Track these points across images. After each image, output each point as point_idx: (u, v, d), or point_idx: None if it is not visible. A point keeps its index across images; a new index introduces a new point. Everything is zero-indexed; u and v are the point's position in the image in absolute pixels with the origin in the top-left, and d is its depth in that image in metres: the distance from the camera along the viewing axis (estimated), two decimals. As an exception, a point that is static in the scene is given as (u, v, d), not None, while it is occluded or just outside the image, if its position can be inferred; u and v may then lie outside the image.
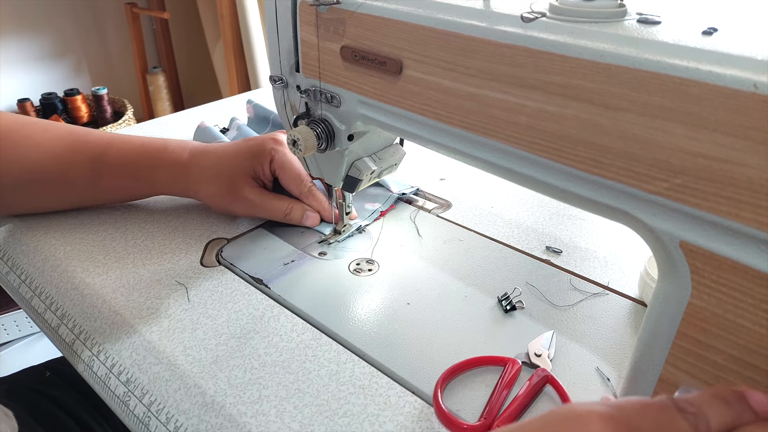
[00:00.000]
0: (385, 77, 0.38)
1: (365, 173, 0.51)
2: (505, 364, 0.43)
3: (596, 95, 0.28)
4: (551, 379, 0.42)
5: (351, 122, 0.45)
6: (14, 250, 0.58)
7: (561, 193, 0.32)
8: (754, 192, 0.23)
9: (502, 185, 0.70)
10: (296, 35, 0.44)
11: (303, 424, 0.39)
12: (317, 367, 0.44)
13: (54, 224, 0.60)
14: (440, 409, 0.39)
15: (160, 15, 1.97)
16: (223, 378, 0.43)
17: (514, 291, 0.52)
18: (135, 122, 1.90)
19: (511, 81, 0.31)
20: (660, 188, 0.27)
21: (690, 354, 0.28)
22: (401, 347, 0.46)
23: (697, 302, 0.27)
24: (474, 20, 0.32)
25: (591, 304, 0.51)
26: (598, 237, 0.60)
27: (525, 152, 0.32)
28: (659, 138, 0.26)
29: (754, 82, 0.22)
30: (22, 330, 1.42)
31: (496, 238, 0.60)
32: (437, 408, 0.40)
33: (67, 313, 0.51)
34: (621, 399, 0.25)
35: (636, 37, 0.27)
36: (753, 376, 0.26)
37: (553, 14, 0.30)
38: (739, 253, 0.25)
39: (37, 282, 0.54)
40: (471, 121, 0.34)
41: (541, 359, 0.44)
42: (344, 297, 0.51)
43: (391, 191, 0.66)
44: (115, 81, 2.16)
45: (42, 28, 1.94)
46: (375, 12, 0.37)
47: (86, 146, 0.58)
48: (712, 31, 0.26)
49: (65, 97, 1.89)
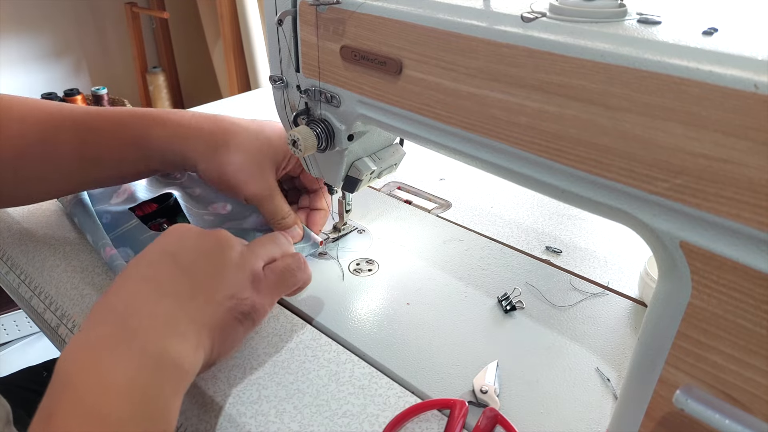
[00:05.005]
0: (385, 77, 0.38)
1: (365, 173, 0.51)
2: (452, 407, 0.40)
3: (596, 95, 0.28)
4: (500, 419, 0.39)
5: (351, 122, 0.45)
6: (14, 250, 0.58)
7: (561, 193, 0.32)
8: (754, 192, 0.23)
9: (502, 185, 0.70)
10: (296, 35, 0.44)
11: (302, 425, 0.39)
12: (317, 367, 0.44)
13: (54, 224, 0.60)
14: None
15: (160, 15, 1.97)
16: (222, 378, 0.43)
17: (514, 291, 0.52)
18: (135, 122, 1.90)
19: (511, 81, 0.31)
20: (660, 188, 0.27)
21: (690, 354, 0.28)
22: (401, 347, 0.46)
23: (698, 302, 0.27)
24: (474, 20, 0.32)
25: (591, 304, 0.51)
26: (598, 237, 0.60)
27: (525, 152, 0.32)
28: (659, 138, 0.26)
29: (754, 82, 0.22)
30: (21, 330, 1.42)
31: (496, 238, 0.60)
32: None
33: (66, 313, 0.51)
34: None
35: (636, 37, 0.27)
36: (753, 377, 0.26)
37: (553, 14, 0.30)
38: (740, 253, 0.25)
39: (37, 282, 0.54)
40: (471, 121, 0.34)
41: (488, 396, 0.41)
42: (344, 297, 0.51)
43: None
44: (114, 81, 2.16)
45: (42, 28, 1.94)
46: (375, 12, 0.37)
47: (72, 113, 0.53)
48: (713, 31, 0.26)
49: (65, 97, 1.89)
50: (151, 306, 0.36)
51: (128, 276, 0.38)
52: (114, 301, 0.36)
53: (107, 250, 0.52)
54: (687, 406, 0.27)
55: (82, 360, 0.33)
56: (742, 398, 0.27)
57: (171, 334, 0.35)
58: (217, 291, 0.38)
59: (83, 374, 0.32)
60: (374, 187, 0.70)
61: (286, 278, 0.43)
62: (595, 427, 0.40)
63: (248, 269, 0.40)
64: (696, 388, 0.28)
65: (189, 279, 0.38)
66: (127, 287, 0.37)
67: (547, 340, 0.47)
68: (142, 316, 0.35)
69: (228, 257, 0.40)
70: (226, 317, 0.38)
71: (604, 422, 0.40)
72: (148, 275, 0.38)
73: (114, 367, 0.33)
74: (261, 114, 0.91)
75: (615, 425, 0.34)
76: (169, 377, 0.34)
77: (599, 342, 0.47)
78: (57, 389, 0.32)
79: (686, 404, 0.27)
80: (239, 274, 0.40)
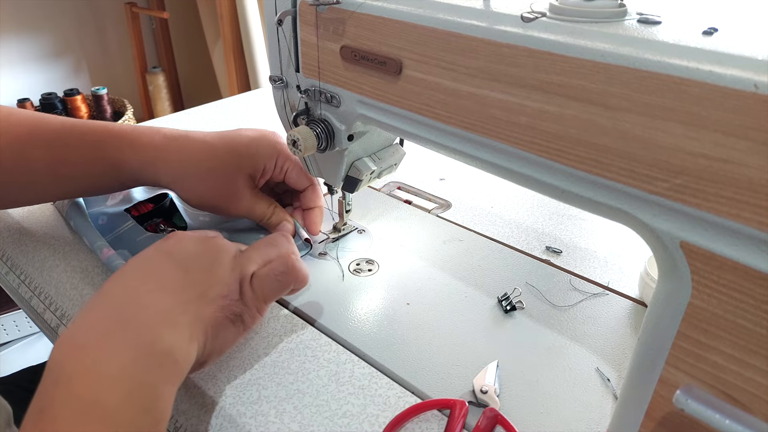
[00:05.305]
0: (385, 77, 0.38)
1: (365, 173, 0.51)
2: (452, 407, 0.40)
3: (596, 95, 0.28)
4: (500, 419, 0.39)
5: (351, 122, 0.45)
6: (13, 250, 0.58)
7: (561, 193, 0.32)
8: (754, 192, 0.23)
9: (502, 185, 0.70)
10: (296, 35, 0.44)
11: (302, 425, 0.39)
12: (317, 367, 0.44)
13: (53, 224, 0.60)
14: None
15: (160, 15, 1.97)
16: (222, 378, 0.43)
17: (514, 291, 0.52)
18: (135, 122, 1.90)
19: (511, 81, 0.31)
20: (660, 188, 0.27)
21: (690, 354, 0.28)
22: (401, 347, 0.46)
23: (698, 303, 0.27)
24: (474, 20, 0.32)
25: (591, 304, 0.51)
26: (598, 237, 0.60)
27: (525, 152, 0.32)
28: (659, 138, 0.26)
29: (754, 82, 0.22)
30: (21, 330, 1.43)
31: (496, 238, 0.60)
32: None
33: (66, 314, 0.51)
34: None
35: (636, 37, 0.27)
36: (753, 377, 0.26)
37: (553, 14, 0.30)
38: (740, 253, 0.25)
39: (37, 282, 0.54)
40: (471, 121, 0.34)
41: (488, 396, 0.41)
42: (344, 297, 0.51)
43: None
44: (114, 81, 2.16)
45: (42, 28, 1.94)
46: (375, 12, 0.37)
47: (47, 127, 0.52)
48: (713, 31, 0.26)
49: (65, 97, 1.89)
50: (146, 297, 0.36)
51: (123, 271, 0.39)
52: (108, 293, 0.37)
53: (104, 252, 0.52)
54: (687, 406, 0.27)
55: (75, 348, 0.33)
56: (742, 398, 0.27)
57: (165, 324, 0.36)
58: (210, 288, 0.39)
59: (75, 363, 0.32)
60: (374, 187, 0.70)
61: (271, 282, 0.42)
62: (595, 427, 0.40)
63: (238, 272, 0.41)
64: (696, 388, 0.28)
65: (184, 275, 0.39)
66: (122, 280, 0.38)
67: (547, 340, 0.47)
68: (137, 306, 0.36)
69: (222, 259, 0.41)
70: (218, 315, 0.39)
71: (605, 422, 0.40)
72: (144, 270, 0.39)
73: (107, 355, 0.33)
74: (261, 114, 0.91)
75: (615, 425, 0.34)
76: (163, 367, 0.34)
77: (599, 342, 0.47)
78: (50, 380, 0.32)
79: (686, 404, 0.27)
80: (231, 275, 0.40)
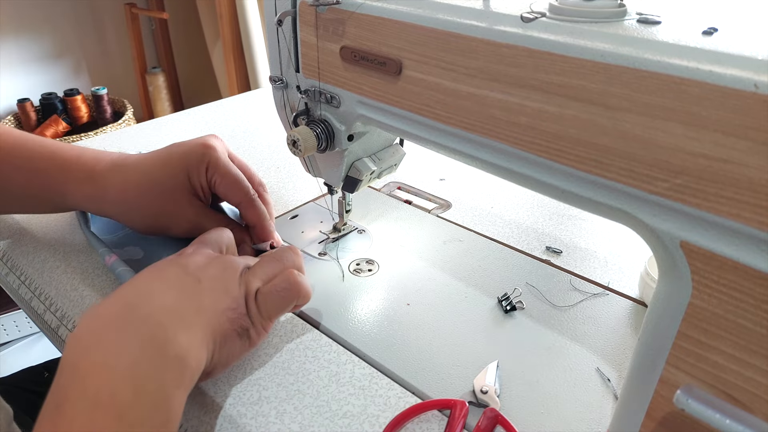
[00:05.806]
0: (385, 77, 0.38)
1: (365, 174, 0.51)
2: (452, 407, 0.40)
3: (596, 95, 0.28)
4: (501, 419, 0.39)
5: (351, 122, 0.45)
6: (14, 251, 0.58)
7: (561, 193, 0.32)
8: (755, 192, 0.23)
9: (502, 185, 0.70)
10: (296, 35, 0.44)
11: (303, 425, 0.39)
12: (317, 368, 0.44)
13: (54, 226, 0.60)
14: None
15: (160, 15, 1.97)
16: (222, 379, 0.43)
17: (514, 291, 0.52)
18: (135, 122, 1.90)
19: (511, 81, 0.31)
20: (660, 188, 0.27)
21: (690, 354, 0.28)
22: (401, 348, 0.46)
23: (698, 302, 0.27)
24: (474, 20, 0.32)
25: (591, 304, 0.51)
26: (598, 237, 0.60)
27: (525, 152, 0.32)
28: (659, 138, 0.26)
29: (754, 82, 0.22)
30: (21, 330, 1.43)
31: (496, 238, 0.60)
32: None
33: (66, 315, 0.51)
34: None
35: (636, 37, 0.27)
36: (754, 377, 0.26)
37: (553, 14, 0.30)
38: (740, 253, 0.25)
39: (37, 283, 0.54)
40: (471, 122, 0.34)
41: (488, 396, 0.41)
42: (344, 297, 0.51)
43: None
44: (114, 81, 2.16)
45: (42, 28, 1.94)
46: (375, 12, 0.37)
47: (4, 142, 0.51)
48: (712, 31, 0.26)
49: (65, 98, 1.89)
50: (162, 298, 0.37)
51: (139, 276, 0.40)
52: (122, 294, 0.38)
53: (107, 259, 0.53)
54: (688, 406, 0.27)
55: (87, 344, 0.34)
56: (742, 398, 0.27)
57: (180, 326, 0.36)
58: (220, 300, 0.40)
59: (87, 358, 0.33)
60: (374, 187, 0.70)
61: (273, 299, 0.42)
62: (595, 428, 0.40)
63: (244, 289, 0.41)
64: (697, 388, 0.28)
65: (196, 283, 0.40)
66: (135, 283, 0.39)
67: (547, 341, 0.47)
68: (152, 305, 0.36)
69: (231, 275, 0.42)
70: (226, 326, 0.39)
71: (605, 422, 0.40)
72: (158, 276, 0.40)
73: (119, 348, 0.33)
74: (261, 114, 0.91)
75: (615, 425, 0.34)
76: (174, 368, 0.34)
77: (600, 342, 0.47)
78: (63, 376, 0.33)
79: (687, 404, 0.27)
80: (239, 291, 0.41)
